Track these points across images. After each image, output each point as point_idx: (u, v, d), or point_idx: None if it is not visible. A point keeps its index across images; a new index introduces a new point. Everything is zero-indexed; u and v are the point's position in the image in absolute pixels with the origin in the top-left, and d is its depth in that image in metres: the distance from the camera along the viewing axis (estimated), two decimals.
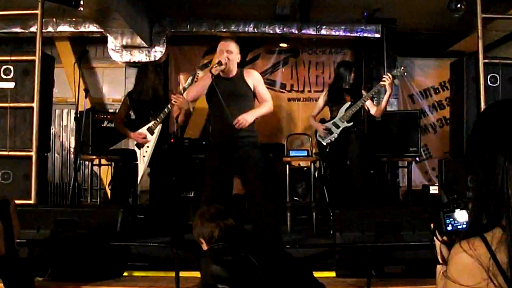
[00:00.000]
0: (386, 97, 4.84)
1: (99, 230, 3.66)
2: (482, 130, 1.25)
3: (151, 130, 4.66)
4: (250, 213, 4.02)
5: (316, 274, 3.77)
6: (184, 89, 4.66)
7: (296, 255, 4.23)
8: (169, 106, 4.62)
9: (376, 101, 6.04)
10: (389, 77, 4.70)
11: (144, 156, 4.67)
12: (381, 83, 4.81)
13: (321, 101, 5.25)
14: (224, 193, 3.99)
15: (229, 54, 3.97)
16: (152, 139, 4.65)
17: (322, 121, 5.35)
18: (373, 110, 4.99)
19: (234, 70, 4.08)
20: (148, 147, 4.65)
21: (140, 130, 4.70)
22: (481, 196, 1.17)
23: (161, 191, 4.96)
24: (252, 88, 4.07)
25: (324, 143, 5.05)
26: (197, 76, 4.55)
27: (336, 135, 4.95)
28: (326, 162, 5.39)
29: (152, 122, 4.65)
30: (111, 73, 7.56)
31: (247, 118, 3.85)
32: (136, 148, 4.71)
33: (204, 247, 2.69)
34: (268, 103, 4.08)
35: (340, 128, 4.94)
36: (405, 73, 5.15)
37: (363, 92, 5.08)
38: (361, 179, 4.94)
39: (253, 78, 4.09)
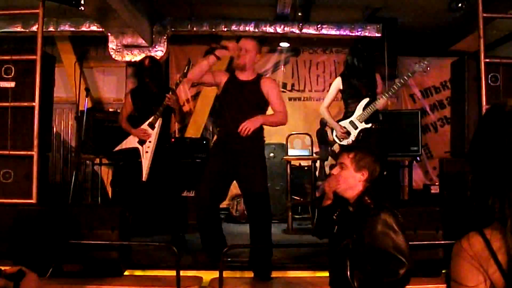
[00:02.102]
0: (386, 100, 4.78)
1: (100, 229, 3.66)
2: (483, 130, 1.26)
3: (151, 125, 4.66)
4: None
5: (317, 273, 3.80)
6: (177, 84, 4.67)
7: (296, 255, 4.27)
8: (163, 103, 4.61)
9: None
10: (405, 80, 4.65)
11: (147, 152, 4.67)
12: (402, 80, 4.63)
13: (333, 90, 4.83)
14: (219, 196, 3.87)
15: (246, 52, 3.82)
16: (153, 134, 4.64)
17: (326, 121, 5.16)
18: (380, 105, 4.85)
19: (251, 74, 3.90)
20: (150, 142, 4.65)
21: (141, 127, 4.70)
22: (479, 192, 1.19)
23: (162, 191, 4.96)
24: (266, 97, 3.85)
25: (340, 143, 4.72)
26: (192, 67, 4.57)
27: (353, 137, 4.66)
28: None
29: (153, 117, 4.65)
30: (112, 73, 7.56)
31: (251, 125, 3.65)
32: (138, 145, 4.71)
33: (354, 178, 2.45)
34: (280, 114, 3.84)
35: (359, 129, 4.65)
36: (428, 68, 4.90)
37: (378, 78, 4.75)
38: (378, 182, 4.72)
39: (267, 86, 3.85)
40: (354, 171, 2.47)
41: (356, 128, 4.66)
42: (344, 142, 4.69)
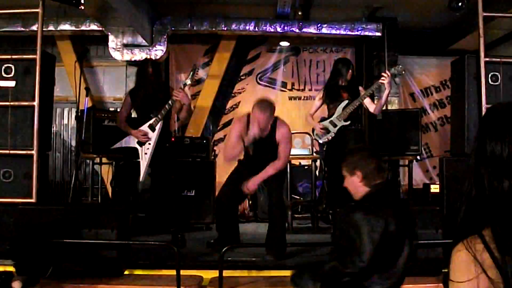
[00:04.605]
0: (385, 94, 4.82)
1: (100, 228, 3.67)
2: (480, 131, 1.26)
3: (152, 127, 4.65)
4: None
5: None
6: (185, 84, 4.71)
7: (296, 254, 4.27)
8: (170, 102, 4.61)
9: (376, 98, 5.97)
10: (387, 75, 4.70)
11: (145, 154, 4.66)
12: (380, 81, 4.79)
13: (318, 100, 5.16)
14: (237, 198, 4.58)
15: (260, 123, 4.25)
16: (153, 136, 4.64)
17: (321, 119, 5.28)
18: (371, 108, 4.94)
19: (267, 129, 4.39)
20: (149, 144, 4.65)
21: (141, 128, 4.70)
22: (475, 195, 1.18)
23: (162, 190, 4.96)
24: (277, 142, 4.43)
25: (321, 141, 4.99)
26: (197, 72, 4.68)
27: (333, 134, 4.88)
28: (324, 161, 5.35)
29: (153, 119, 4.64)
30: (112, 72, 7.56)
31: (252, 185, 4.29)
32: (137, 146, 4.71)
33: (353, 183, 2.54)
34: (279, 162, 4.39)
35: (337, 127, 4.87)
36: (403, 72, 5.09)
37: (361, 89, 5.01)
38: None
39: (280, 136, 4.43)
40: (350, 177, 2.54)
41: (335, 126, 4.90)
42: (324, 139, 4.96)
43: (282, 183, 4.56)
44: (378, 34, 7.01)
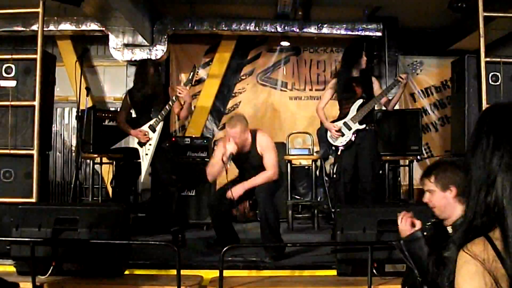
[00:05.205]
0: (399, 93, 4.78)
1: (100, 228, 3.66)
2: (480, 131, 1.25)
3: (152, 128, 4.65)
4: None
5: (318, 272, 3.81)
6: (185, 84, 4.74)
7: (296, 254, 4.28)
8: (170, 103, 4.62)
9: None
10: (405, 77, 4.65)
11: (146, 154, 4.67)
12: (398, 79, 4.69)
13: (328, 92, 4.94)
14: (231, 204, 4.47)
15: (235, 139, 4.25)
16: (154, 137, 4.64)
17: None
18: (388, 105, 4.87)
19: (248, 144, 4.40)
20: (150, 145, 4.65)
21: (141, 128, 4.70)
22: (479, 196, 1.16)
23: (162, 190, 4.97)
24: (260, 154, 4.41)
25: (335, 144, 4.78)
26: (197, 72, 4.66)
27: (347, 138, 4.70)
28: (338, 164, 5.11)
29: (154, 120, 4.64)
30: (112, 72, 7.56)
31: (237, 191, 4.25)
32: (138, 146, 4.71)
33: (445, 199, 2.38)
34: (268, 172, 4.33)
35: (352, 130, 4.69)
36: (420, 70, 4.95)
37: (374, 81, 4.91)
38: (371, 180, 4.73)
39: (262, 147, 4.42)
40: (441, 192, 2.40)
41: (350, 129, 4.71)
42: (338, 143, 4.74)
43: (272, 186, 4.44)
44: (379, 34, 7.01)
